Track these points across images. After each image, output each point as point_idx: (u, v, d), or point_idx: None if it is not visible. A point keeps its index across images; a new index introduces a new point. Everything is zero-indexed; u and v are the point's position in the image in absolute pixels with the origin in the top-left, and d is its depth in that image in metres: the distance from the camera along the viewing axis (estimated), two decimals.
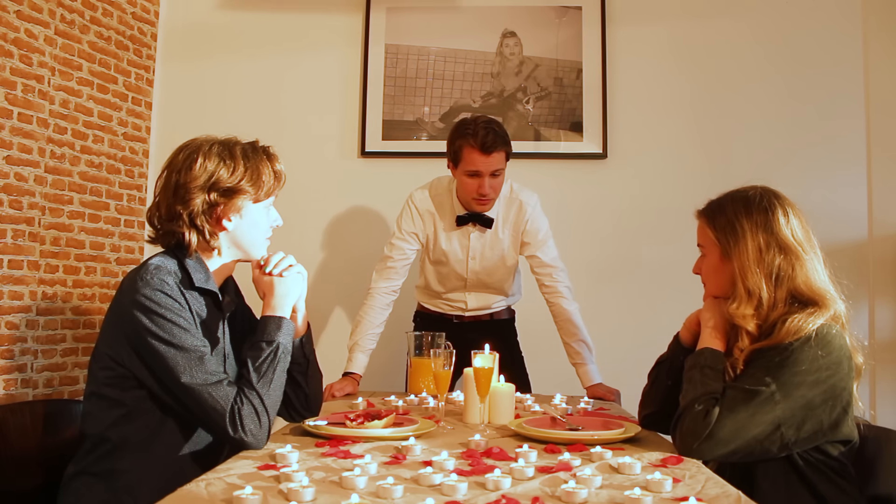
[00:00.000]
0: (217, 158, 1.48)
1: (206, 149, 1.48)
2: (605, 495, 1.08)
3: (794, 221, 1.48)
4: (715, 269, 1.54)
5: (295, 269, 1.55)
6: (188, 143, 1.52)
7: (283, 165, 1.57)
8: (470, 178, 2.28)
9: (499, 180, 2.30)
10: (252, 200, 1.52)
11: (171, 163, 1.50)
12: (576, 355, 2.34)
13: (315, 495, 1.04)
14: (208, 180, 1.46)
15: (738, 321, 1.46)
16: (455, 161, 2.31)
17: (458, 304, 2.54)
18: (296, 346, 1.58)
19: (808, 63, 3.15)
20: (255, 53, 3.32)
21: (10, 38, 2.56)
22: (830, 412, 1.39)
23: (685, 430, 1.39)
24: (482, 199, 2.31)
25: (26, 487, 1.56)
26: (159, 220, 1.49)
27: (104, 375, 1.43)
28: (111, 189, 3.03)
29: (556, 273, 2.39)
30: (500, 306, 2.58)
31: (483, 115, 2.35)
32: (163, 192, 1.49)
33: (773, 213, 1.48)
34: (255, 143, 1.56)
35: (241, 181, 1.48)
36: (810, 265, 1.46)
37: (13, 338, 2.58)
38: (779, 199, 1.51)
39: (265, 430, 1.38)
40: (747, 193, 1.53)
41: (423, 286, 2.60)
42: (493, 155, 2.23)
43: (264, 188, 1.53)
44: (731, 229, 1.49)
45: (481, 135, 2.22)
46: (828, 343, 1.38)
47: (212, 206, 1.47)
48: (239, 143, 1.54)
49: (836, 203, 3.05)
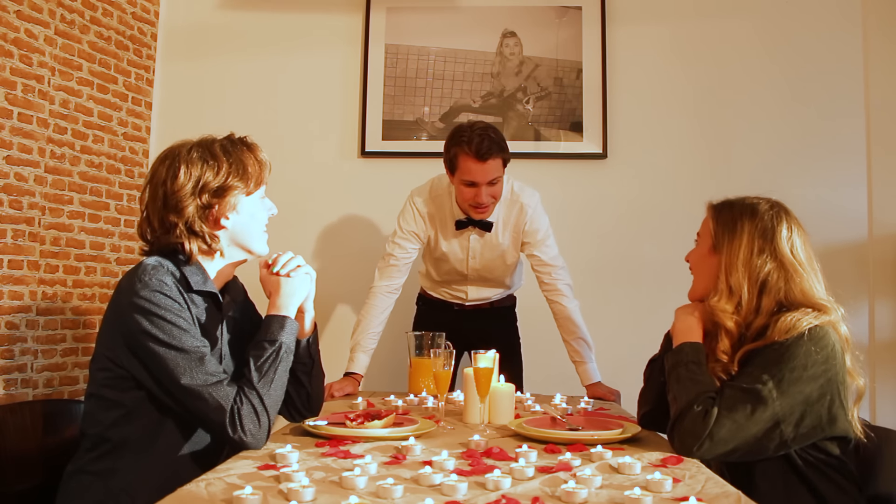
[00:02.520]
0: (199, 161, 1.46)
1: (185, 155, 1.46)
2: (605, 495, 1.08)
3: (796, 239, 1.50)
4: (702, 259, 1.57)
5: (303, 269, 1.54)
6: (166, 152, 1.50)
7: (265, 153, 1.55)
8: (466, 186, 2.23)
9: (497, 188, 2.26)
10: (244, 194, 1.51)
11: (154, 175, 1.48)
12: (575, 353, 2.34)
13: (315, 495, 1.04)
14: (196, 185, 1.45)
15: (717, 315, 1.48)
16: (451, 169, 2.27)
17: (459, 293, 2.58)
18: (302, 346, 1.57)
19: (809, 63, 3.15)
20: (256, 53, 3.32)
21: (10, 38, 2.56)
22: (829, 407, 1.39)
23: (684, 432, 1.39)
24: (479, 208, 2.28)
25: (26, 487, 1.56)
26: (153, 233, 1.48)
27: (103, 376, 1.43)
28: (111, 189, 3.03)
29: (555, 272, 2.39)
30: (501, 295, 2.61)
31: (480, 122, 2.28)
32: (151, 206, 1.47)
33: (777, 225, 1.50)
34: (232, 137, 1.54)
35: (228, 178, 1.47)
36: (808, 282, 1.47)
37: (13, 338, 2.57)
38: (788, 216, 1.53)
39: (264, 430, 1.38)
40: (759, 203, 1.55)
41: (426, 274, 2.62)
42: (488, 162, 2.17)
43: (253, 179, 1.51)
44: (730, 226, 1.52)
45: (476, 142, 2.15)
46: (821, 339, 1.40)
47: (206, 208, 1.46)
48: (216, 140, 1.52)
49: (836, 203, 3.05)
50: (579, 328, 2.35)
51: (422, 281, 2.68)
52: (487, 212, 2.32)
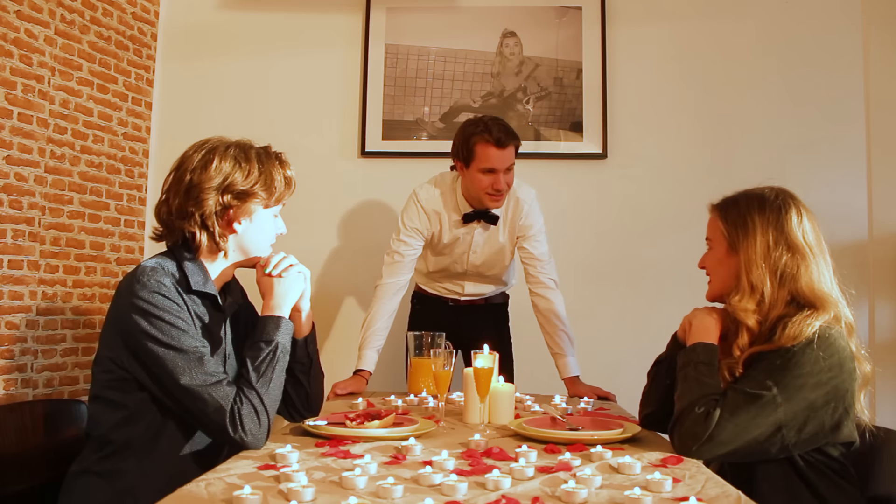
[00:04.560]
0: (233, 161, 1.47)
1: (221, 150, 1.48)
2: (605, 495, 1.08)
3: (806, 224, 1.48)
4: (721, 261, 1.54)
5: (295, 268, 1.55)
6: (203, 142, 1.51)
7: (293, 172, 1.57)
8: (484, 174, 2.30)
9: (511, 175, 2.34)
10: (263, 206, 1.52)
11: (185, 161, 1.49)
12: (556, 346, 2.37)
13: (315, 495, 1.04)
14: (223, 182, 1.46)
15: (739, 315, 1.46)
16: (467, 159, 2.31)
17: (456, 289, 2.61)
18: (299, 345, 1.58)
19: (809, 63, 3.15)
20: (256, 53, 3.32)
21: (10, 38, 2.56)
22: (832, 414, 1.38)
23: (685, 432, 1.38)
24: (497, 195, 2.33)
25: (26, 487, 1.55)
26: (168, 216, 1.48)
27: (106, 378, 1.43)
28: (111, 189, 3.03)
29: (542, 265, 2.42)
30: (495, 292, 2.66)
31: (489, 115, 2.39)
32: (174, 190, 1.48)
33: (786, 213, 1.48)
34: (269, 148, 1.56)
35: (254, 185, 1.49)
36: (815, 268, 1.46)
37: (13, 338, 2.57)
38: (794, 201, 1.51)
39: (264, 430, 1.38)
40: (763, 192, 1.53)
41: (423, 270, 2.64)
42: (507, 149, 2.28)
43: (276, 194, 1.53)
44: (742, 223, 1.50)
45: (495, 130, 2.27)
46: (829, 345, 1.38)
47: (225, 208, 1.47)
48: (253, 146, 1.54)
49: (836, 203, 3.05)
50: (563, 321, 2.38)
51: (417, 278, 2.69)
52: (503, 199, 2.37)
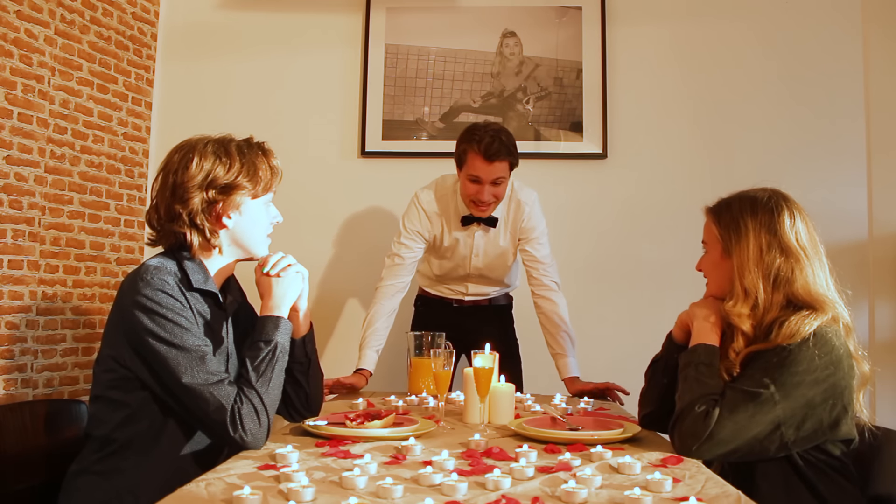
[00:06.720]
0: (213, 156, 1.48)
1: (201, 147, 1.49)
2: (605, 495, 1.08)
3: (800, 225, 1.48)
4: (715, 265, 1.55)
5: (294, 268, 1.55)
6: (183, 143, 1.52)
7: (279, 161, 1.58)
8: (471, 182, 2.31)
9: (500, 189, 2.32)
10: (250, 196, 1.52)
11: (167, 164, 1.50)
12: (558, 346, 2.37)
13: (315, 495, 1.04)
14: (205, 178, 1.47)
15: (733, 320, 1.46)
16: (459, 164, 2.35)
17: (460, 289, 2.62)
18: (298, 344, 1.58)
19: (808, 63, 3.15)
20: (255, 53, 3.32)
21: (10, 38, 2.56)
22: (831, 411, 1.39)
23: (685, 432, 1.38)
24: (480, 206, 2.34)
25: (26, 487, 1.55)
26: (159, 221, 1.50)
27: (108, 378, 1.43)
28: (111, 189, 3.03)
29: (545, 268, 2.43)
30: (499, 293, 2.66)
31: (495, 123, 2.38)
32: (160, 194, 1.50)
33: (778, 215, 1.47)
34: (250, 140, 1.56)
35: (237, 177, 1.49)
36: (810, 270, 1.45)
37: (13, 338, 2.57)
38: (787, 202, 1.50)
39: (264, 430, 1.38)
40: (756, 194, 1.52)
41: (426, 273, 2.65)
42: (495, 164, 2.25)
43: (262, 183, 1.53)
44: (734, 227, 1.50)
45: (486, 142, 2.24)
46: (826, 343, 1.38)
47: (210, 203, 1.48)
48: (234, 140, 1.54)
49: (836, 203, 3.05)
50: (565, 323, 2.38)
51: (420, 280, 2.70)
52: (488, 211, 2.37)
